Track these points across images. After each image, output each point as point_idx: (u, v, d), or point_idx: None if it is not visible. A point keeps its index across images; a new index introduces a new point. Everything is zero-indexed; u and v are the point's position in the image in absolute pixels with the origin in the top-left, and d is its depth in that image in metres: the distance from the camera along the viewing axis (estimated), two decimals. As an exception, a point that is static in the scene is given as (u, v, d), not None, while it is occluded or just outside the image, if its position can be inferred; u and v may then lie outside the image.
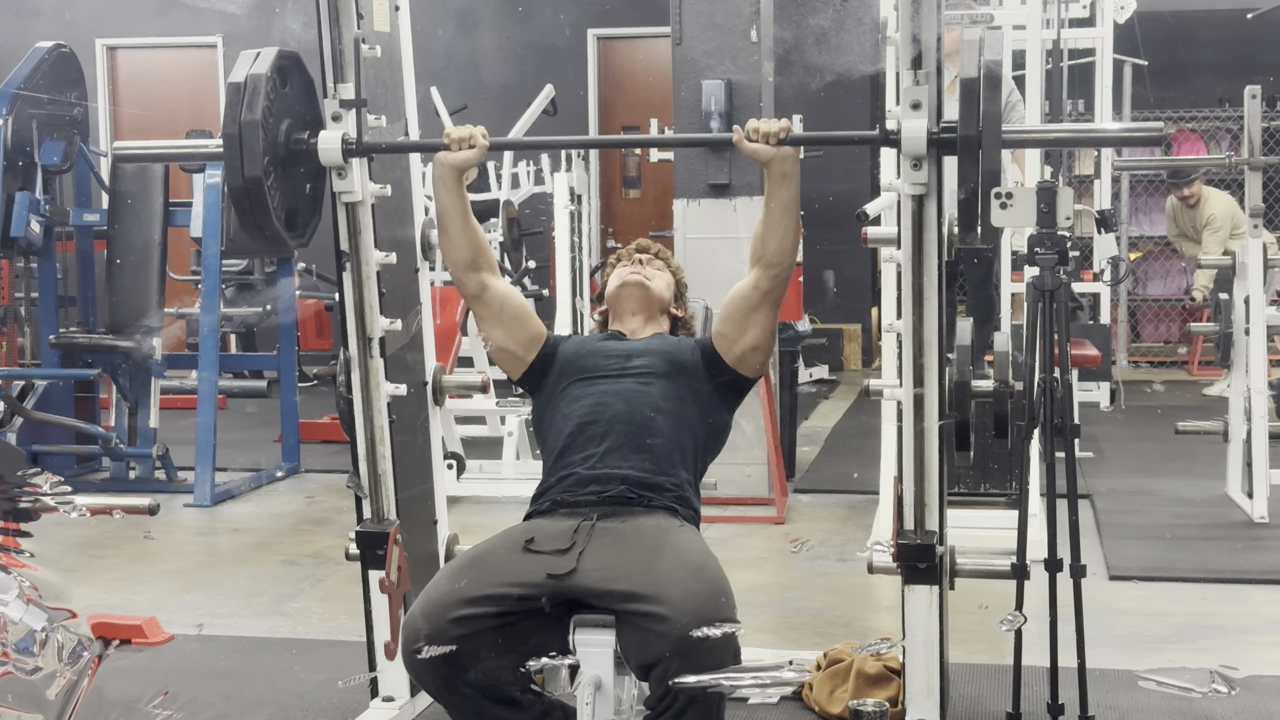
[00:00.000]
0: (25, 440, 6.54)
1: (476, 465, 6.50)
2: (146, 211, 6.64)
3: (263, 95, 2.90)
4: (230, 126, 2.90)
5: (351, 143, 3.03)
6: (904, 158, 2.80)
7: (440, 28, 11.06)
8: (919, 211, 2.86)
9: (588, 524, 2.87)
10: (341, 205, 3.12)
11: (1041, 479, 3.98)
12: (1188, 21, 10.35)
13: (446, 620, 2.69)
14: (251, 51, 2.98)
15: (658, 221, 10.28)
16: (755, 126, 2.92)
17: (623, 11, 11.18)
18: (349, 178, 3.06)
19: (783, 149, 2.93)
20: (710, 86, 6.05)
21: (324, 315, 10.17)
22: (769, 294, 3.08)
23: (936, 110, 2.80)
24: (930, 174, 2.82)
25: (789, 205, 3.00)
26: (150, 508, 2.60)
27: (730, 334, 3.12)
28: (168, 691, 3.67)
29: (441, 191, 3.11)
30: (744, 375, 3.15)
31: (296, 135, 3.03)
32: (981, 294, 6.02)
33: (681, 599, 2.61)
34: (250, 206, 2.93)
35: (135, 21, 11.73)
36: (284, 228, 3.01)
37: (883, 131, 2.86)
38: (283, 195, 3.00)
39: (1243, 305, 5.63)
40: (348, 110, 3.04)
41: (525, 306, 3.25)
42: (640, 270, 3.29)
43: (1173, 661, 3.87)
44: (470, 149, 3.03)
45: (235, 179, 2.90)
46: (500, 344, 3.20)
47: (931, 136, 2.78)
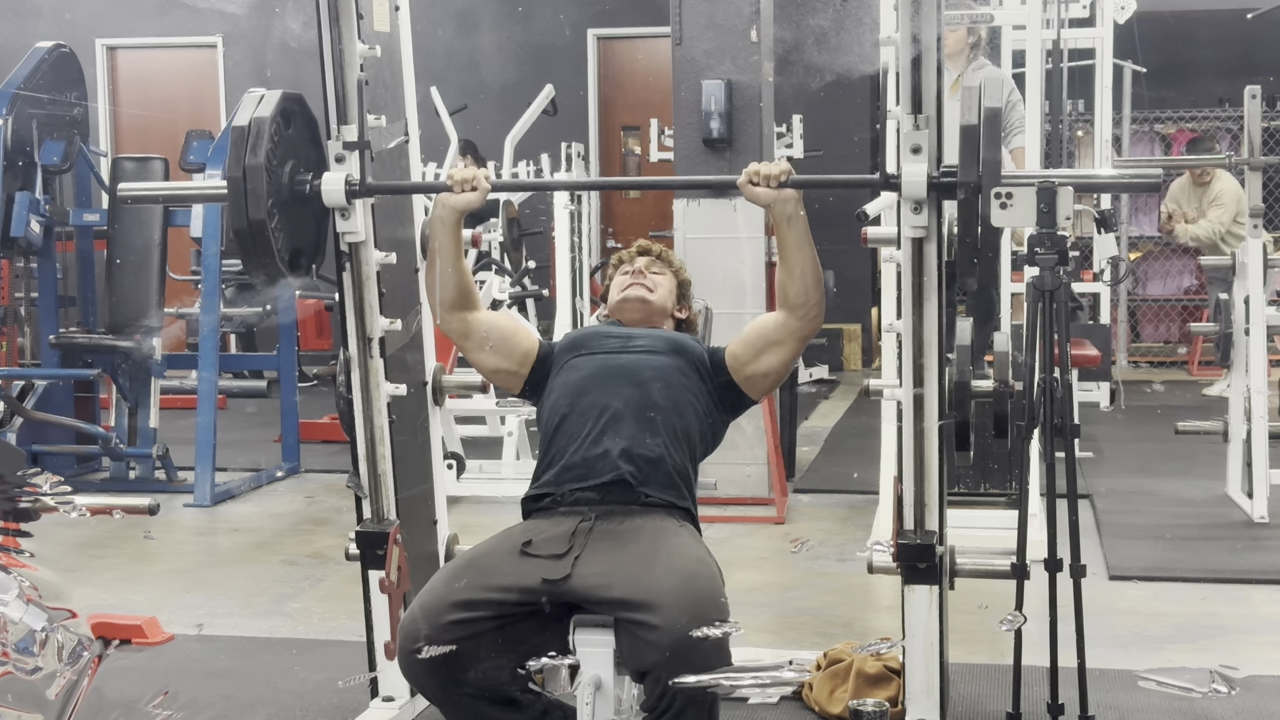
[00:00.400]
0: (25, 440, 6.54)
1: (476, 465, 6.50)
2: (146, 211, 6.64)
3: (266, 138, 2.94)
4: (234, 170, 2.93)
5: (355, 184, 3.06)
6: (904, 201, 2.82)
7: (440, 28, 11.07)
8: (919, 254, 2.89)
9: (585, 525, 2.87)
10: (345, 245, 3.14)
11: (1041, 479, 3.98)
12: (1187, 22, 10.35)
13: (443, 623, 2.69)
14: (256, 92, 3.02)
15: (658, 221, 10.27)
16: (756, 170, 2.92)
17: (623, 11, 11.18)
18: (352, 219, 3.08)
19: (783, 191, 2.92)
20: (710, 86, 6.05)
21: (324, 315, 10.17)
22: (795, 333, 3.07)
23: (937, 156, 2.82)
24: (930, 218, 2.83)
25: (800, 246, 2.99)
26: (150, 508, 2.60)
27: (744, 357, 3.11)
28: (168, 691, 3.67)
29: (439, 230, 3.11)
30: (746, 395, 3.14)
31: (300, 177, 3.06)
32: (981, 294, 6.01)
33: (673, 608, 2.60)
34: (254, 248, 2.96)
35: (135, 21, 11.73)
36: (287, 268, 3.04)
37: (883, 175, 2.88)
38: (286, 236, 3.03)
39: (1242, 305, 5.63)
40: (351, 152, 3.06)
41: (511, 325, 3.25)
42: (642, 280, 3.26)
43: (1173, 661, 3.87)
44: (472, 191, 3.04)
45: (240, 222, 2.94)
46: (495, 367, 3.19)
47: (931, 181, 2.80)
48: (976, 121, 2.73)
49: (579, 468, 2.97)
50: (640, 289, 3.25)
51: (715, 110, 6.02)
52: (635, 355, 3.09)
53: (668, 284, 3.30)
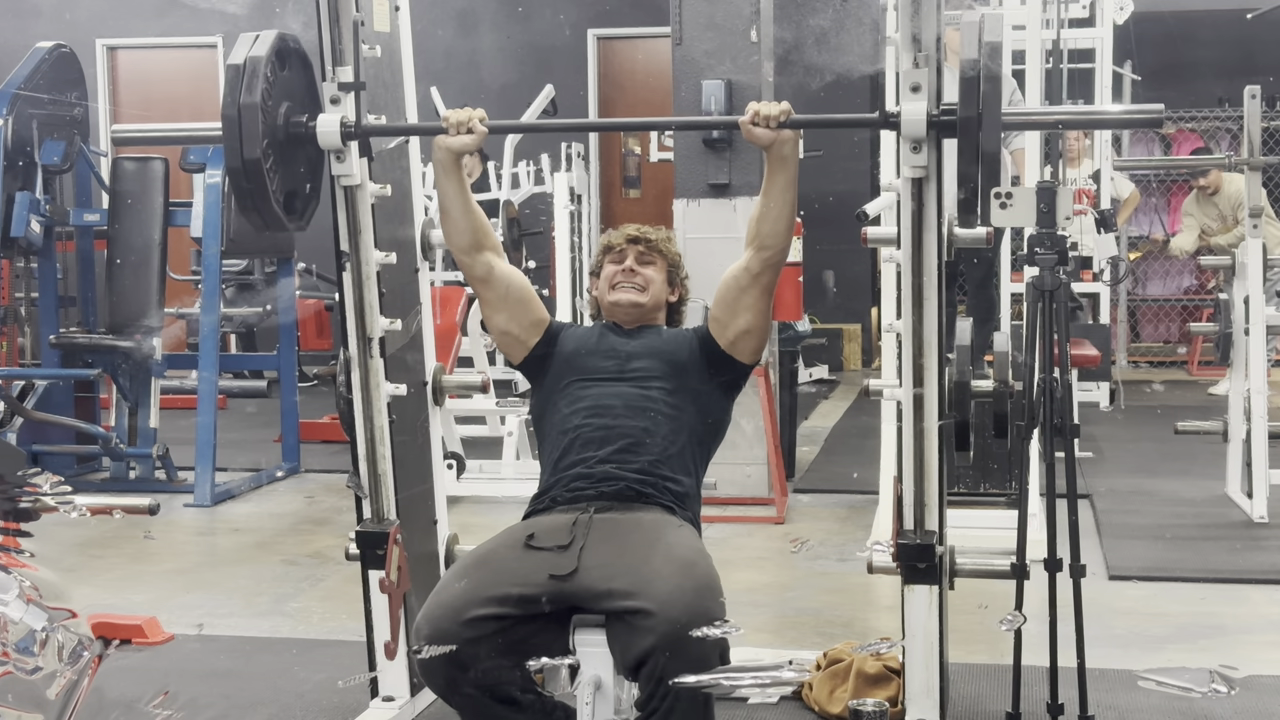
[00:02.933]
0: (25, 440, 6.54)
1: (476, 465, 6.50)
2: (146, 211, 6.64)
3: (261, 78, 2.89)
4: (229, 108, 2.88)
5: (350, 126, 3.02)
6: (904, 140, 2.79)
7: (440, 28, 11.06)
8: (919, 194, 2.85)
9: (585, 516, 2.87)
10: (339, 189, 3.11)
11: (1041, 479, 3.98)
12: (1187, 22, 10.35)
13: (455, 625, 2.69)
14: (250, 34, 2.97)
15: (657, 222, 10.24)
16: (756, 110, 2.92)
17: (623, 11, 11.18)
18: (347, 161, 3.05)
19: (783, 132, 2.93)
20: (710, 86, 6.05)
21: (324, 315, 10.17)
22: (759, 277, 3.07)
23: (936, 94, 2.80)
24: (930, 157, 2.81)
25: (786, 189, 3.00)
26: (150, 508, 2.60)
27: (723, 318, 3.12)
28: (168, 691, 3.67)
29: (440, 175, 3.11)
30: (740, 361, 3.14)
31: (295, 118, 3.01)
32: (981, 294, 6.02)
33: (669, 595, 2.61)
34: (249, 188, 2.91)
35: (135, 21, 11.73)
36: (283, 211, 2.99)
37: (882, 114, 2.85)
38: (281, 178, 2.98)
39: (1242, 305, 5.63)
40: (346, 94, 3.03)
41: (529, 290, 3.25)
42: (634, 279, 3.23)
43: (1172, 661, 3.87)
44: (468, 134, 3.03)
45: (234, 160, 2.89)
46: (503, 328, 3.20)
47: (931, 119, 2.77)
48: (976, 56, 2.69)
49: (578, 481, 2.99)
50: (632, 290, 3.23)
51: (715, 110, 6.02)
52: (631, 386, 3.09)
53: (660, 275, 3.27)
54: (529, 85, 9.38)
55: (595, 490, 2.96)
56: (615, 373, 3.12)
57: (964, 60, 2.70)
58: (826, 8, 5.32)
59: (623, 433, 3.02)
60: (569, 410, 3.09)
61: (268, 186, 2.91)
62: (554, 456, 3.08)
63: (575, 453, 3.03)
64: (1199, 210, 9.67)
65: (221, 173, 6.24)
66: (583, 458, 3.01)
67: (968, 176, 2.71)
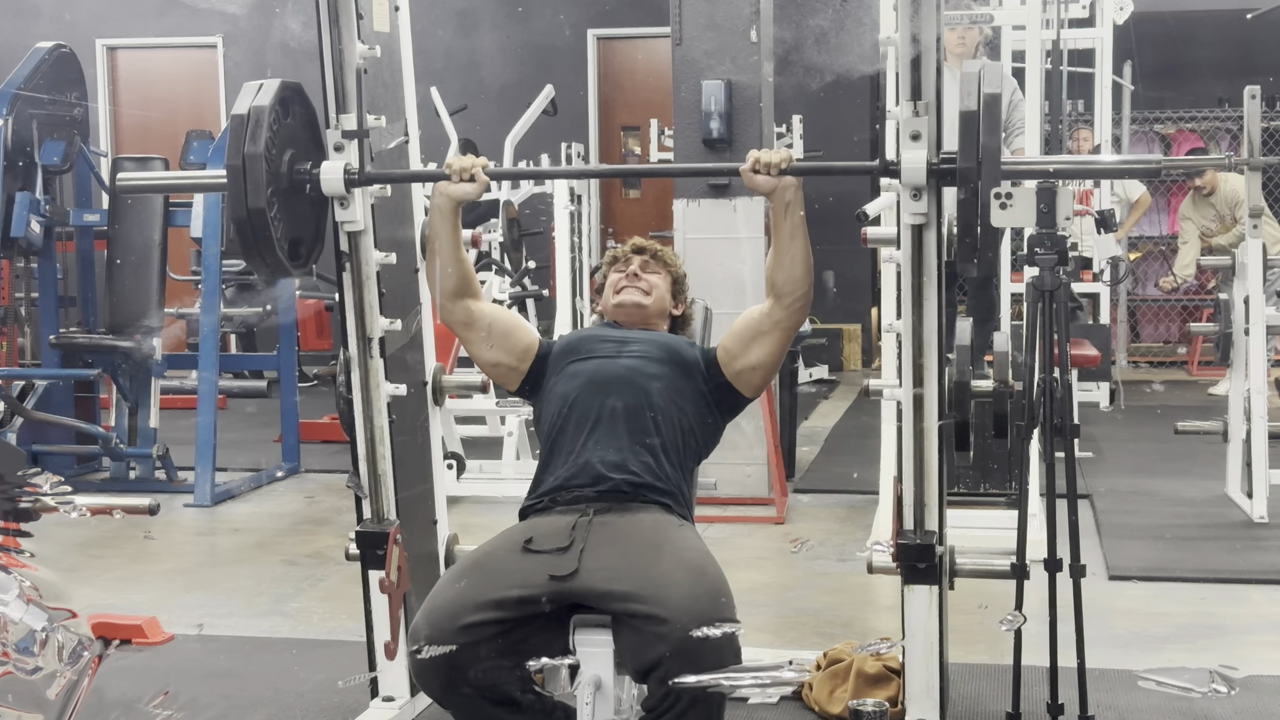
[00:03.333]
0: (25, 440, 6.54)
1: (476, 465, 6.50)
2: (146, 211, 6.64)
3: (265, 127, 2.92)
4: (234, 159, 2.92)
5: (354, 173, 3.06)
6: (903, 188, 2.81)
7: (440, 28, 11.07)
8: (918, 241, 2.88)
9: (585, 520, 2.87)
10: (344, 234, 3.14)
11: (1041, 479, 3.98)
12: (1187, 22, 10.35)
13: (453, 628, 2.69)
14: (254, 83, 3.01)
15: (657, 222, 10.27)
16: (757, 157, 2.92)
17: (623, 11, 11.18)
18: (351, 207, 3.08)
19: (784, 179, 2.92)
20: (710, 86, 6.05)
21: (324, 315, 10.18)
22: (780, 323, 3.06)
23: (936, 141, 2.81)
24: (930, 204, 2.83)
25: (794, 234, 2.99)
26: (150, 508, 2.60)
27: (734, 349, 3.10)
28: (168, 691, 3.67)
29: (437, 220, 3.11)
30: (741, 394, 3.13)
31: (299, 165, 3.05)
32: (981, 294, 6.02)
33: (682, 601, 2.61)
34: (253, 237, 2.95)
35: (135, 22, 11.73)
36: (287, 258, 3.03)
37: (883, 162, 2.87)
38: (286, 225, 3.02)
39: (1242, 305, 5.63)
40: (350, 141, 3.06)
41: (513, 319, 3.25)
42: (638, 282, 3.24)
43: (1172, 661, 3.87)
44: (470, 182, 3.04)
45: (239, 210, 2.93)
46: (494, 361, 3.18)
47: (931, 167, 2.79)
48: (976, 107, 2.71)
49: (576, 477, 2.98)
50: (636, 293, 3.24)
51: (715, 110, 6.02)
52: (630, 360, 3.09)
53: (664, 284, 3.28)
54: (529, 85, 9.38)
55: (593, 491, 2.95)
56: (613, 352, 3.11)
57: (963, 111, 2.72)
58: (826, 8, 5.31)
59: (620, 402, 3.00)
60: (566, 386, 3.08)
61: (273, 235, 2.95)
62: (553, 430, 3.06)
63: (571, 433, 3.02)
64: (1196, 213, 9.67)
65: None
66: (578, 443, 3.00)
67: (968, 227, 2.73)
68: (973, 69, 2.74)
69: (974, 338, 3.29)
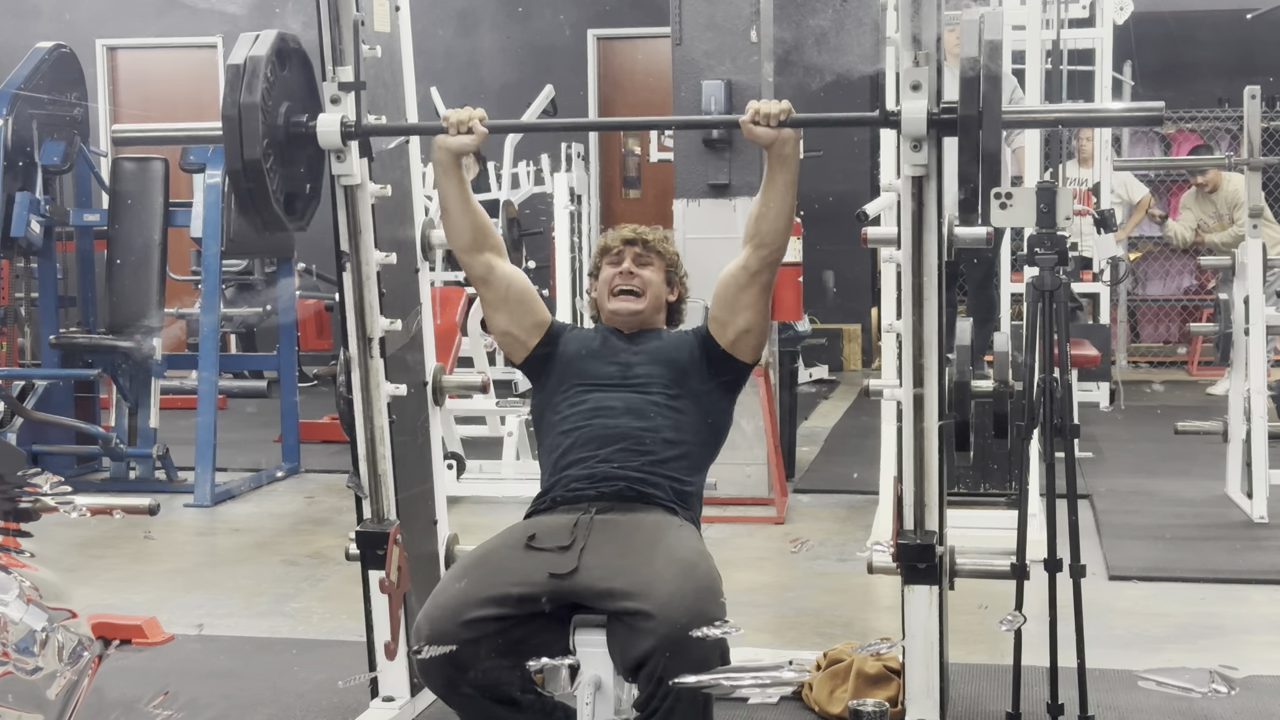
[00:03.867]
0: (25, 440, 6.54)
1: (476, 465, 6.50)
2: (146, 211, 6.64)
3: (262, 77, 2.88)
4: (229, 108, 2.88)
5: (350, 125, 3.02)
6: (904, 139, 2.79)
7: (440, 28, 11.06)
8: (919, 193, 2.85)
9: (586, 518, 2.87)
10: (340, 189, 3.11)
11: (1041, 479, 3.98)
12: (1187, 22, 10.35)
13: (454, 625, 2.69)
14: (250, 34, 2.96)
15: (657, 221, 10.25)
16: (757, 108, 2.92)
17: (623, 11, 11.18)
18: (347, 160, 3.05)
19: (783, 131, 2.93)
20: (710, 87, 6.05)
21: (324, 315, 10.17)
22: (757, 275, 3.07)
23: (936, 93, 2.80)
24: (930, 155, 2.81)
25: (786, 188, 3.00)
26: (150, 508, 2.60)
27: (723, 317, 3.12)
28: (168, 691, 3.67)
29: (440, 175, 3.11)
30: (740, 360, 3.14)
31: (295, 118, 3.01)
32: (981, 294, 6.02)
33: (669, 597, 2.61)
34: (249, 189, 2.90)
35: (135, 21, 11.73)
36: (283, 211, 2.98)
37: (883, 112, 2.85)
38: (282, 179, 2.98)
39: (1242, 305, 5.63)
40: (346, 93, 3.03)
41: (530, 290, 3.25)
42: (631, 282, 3.22)
43: (1172, 661, 3.87)
44: (468, 134, 3.03)
45: (234, 161, 2.88)
46: (504, 328, 3.20)
47: (931, 117, 2.77)
48: (977, 54, 2.69)
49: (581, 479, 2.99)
50: (629, 299, 3.21)
51: (715, 110, 6.02)
52: (634, 393, 3.08)
53: (658, 276, 3.26)
54: (529, 85, 9.38)
55: (596, 490, 2.96)
56: (618, 379, 3.12)
57: (964, 58, 2.70)
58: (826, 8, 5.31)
59: (624, 433, 3.02)
60: (570, 412, 3.09)
61: (268, 187, 2.91)
62: (554, 457, 3.08)
63: (576, 452, 3.03)
64: (1196, 205, 9.70)
65: (221, 173, 6.24)
66: (583, 457, 3.02)
67: (968, 175, 2.70)
68: (973, 17, 2.72)
69: (974, 338, 3.29)
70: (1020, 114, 2.93)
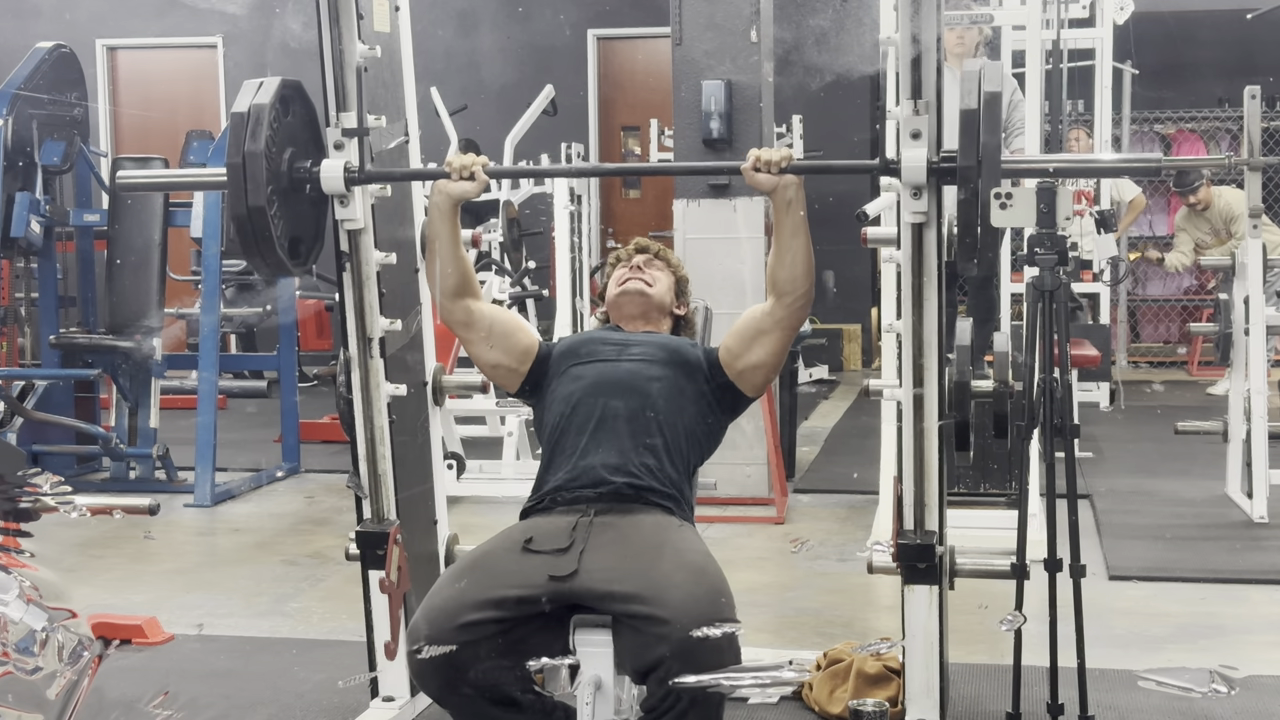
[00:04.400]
0: (25, 440, 6.54)
1: (476, 465, 6.50)
2: (146, 211, 6.64)
3: (265, 125, 2.92)
4: (234, 156, 2.91)
5: (354, 171, 3.05)
6: (904, 186, 2.81)
7: (440, 28, 11.06)
8: (918, 240, 2.87)
9: (585, 520, 2.87)
10: (344, 232, 3.14)
11: (1041, 479, 3.98)
12: (1187, 22, 10.35)
13: (451, 627, 2.69)
14: (254, 81, 3.01)
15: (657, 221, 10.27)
16: (758, 155, 2.93)
17: (623, 11, 11.18)
18: (351, 205, 3.08)
19: (785, 177, 2.93)
20: (710, 87, 6.05)
21: (324, 315, 10.18)
22: (781, 322, 3.06)
23: (936, 140, 2.81)
24: (930, 203, 2.83)
25: (795, 233, 2.99)
26: (150, 508, 2.60)
27: (735, 349, 3.11)
28: (168, 691, 3.67)
29: (436, 219, 3.11)
30: (742, 391, 3.14)
31: (299, 164, 3.04)
32: (981, 294, 6.02)
33: (682, 602, 2.60)
34: (254, 236, 2.94)
35: (135, 22, 11.73)
36: (287, 256, 3.02)
37: (883, 160, 2.87)
38: (286, 224, 3.01)
39: (1242, 305, 5.63)
40: (350, 139, 3.06)
41: (513, 320, 3.25)
42: (641, 274, 3.27)
43: (1172, 661, 3.87)
44: (469, 180, 3.04)
45: (239, 208, 2.92)
46: (494, 362, 3.18)
47: (931, 166, 2.79)
48: (976, 106, 2.70)
49: (578, 479, 2.98)
50: (639, 283, 3.26)
51: (715, 110, 6.02)
52: (631, 364, 3.09)
53: (666, 280, 3.30)
54: (529, 85, 9.38)
55: (594, 492, 2.95)
56: (614, 355, 3.11)
57: (964, 111, 2.72)
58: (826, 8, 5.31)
59: (621, 406, 3.01)
60: (568, 388, 3.08)
61: (273, 233, 2.95)
62: (554, 434, 3.06)
63: (573, 435, 3.02)
64: (1191, 225, 9.73)
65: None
66: (580, 445, 3.00)
67: (968, 225, 2.72)
68: (973, 68, 2.74)
69: (974, 338, 3.29)
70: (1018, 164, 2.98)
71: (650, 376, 3.06)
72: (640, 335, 3.20)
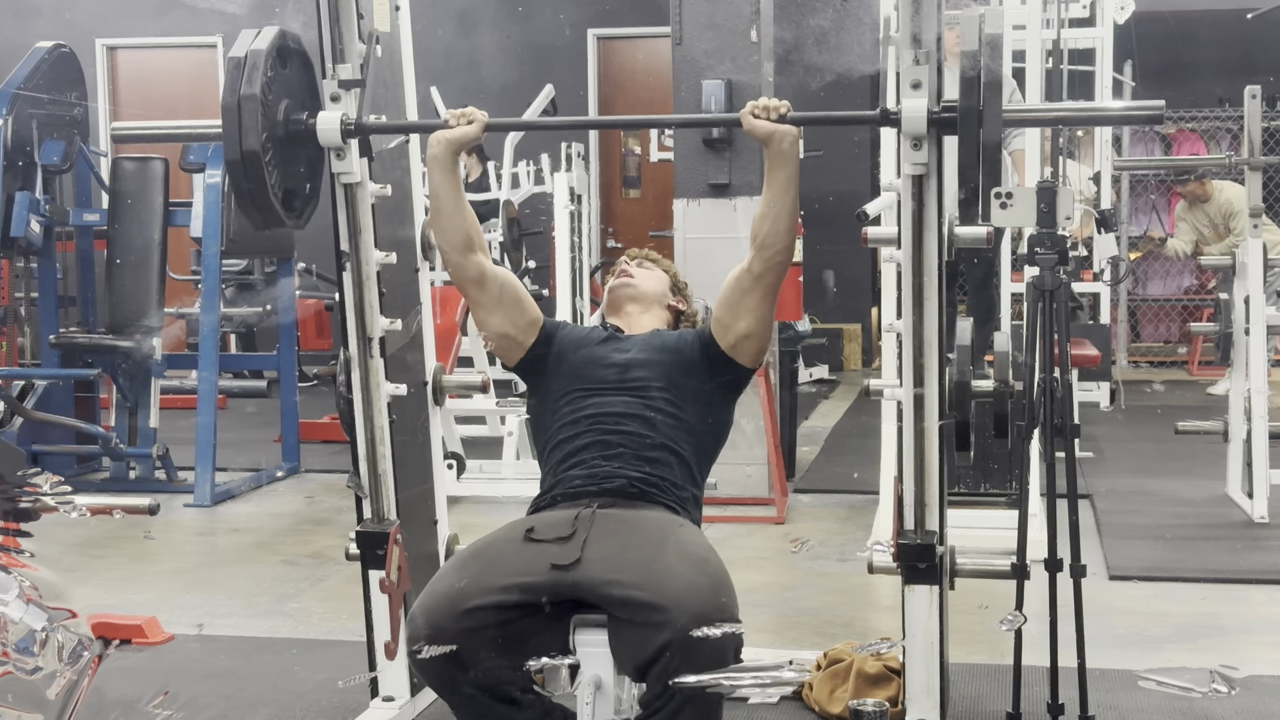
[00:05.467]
0: (25, 440, 6.54)
1: (476, 465, 6.50)
2: (146, 211, 6.65)
3: (262, 71, 2.87)
4: (229, 99, 2.87)
5: (350, 123, 3.01)
6: (904, 137, 2.78)
7: (440, 28, 11.07)
8: (919, 192, 2.84)
9: (588, 511, 2.87)
10: (339, 188, 3.11)
11: (1041, 479, 3.98)
12: (1187, 22, 10.35)
13: (451, 617, 2.68)
14: (251, 30, 2.96)
15: (658, 221, 10.28)
16: (756, 103, 2.94)
17: (623, 11, 11.18)
18: (347, 159, 3.04)
19: (781, 126, 2.93)
20: (710, 86, 6.05)
21: (324, 315, 10.18)
22: (761, 278, 3.06)
23: (936, 91, 2.80)
24: (930, 154, 2.80)
25: (786, 186, 3.00)
26: (150, 508, 2.59)
27: (725, 319, 3.11)
28: (168, 691, 3.67)
29: (436, 171, 3.08)
30: (740, 364, 3.13)
31: (295, 115, 3.00)
32: (981, 294, 6.02)
33: (683, 594, 2.60)
34: (247, 182, 2.89)
35: (135, 21, 11.73)
36: (281, 208, 2.97)
37: (883, 111, 2.85)
38: (281, 174, 2.97)
39: (1242, 305, 5.63)
40: (347, 91, 3.02)
41: (522, 290, 3.24)
42: (629, 274, 3.33)
43: (1173, 661, 3.87)
44: (469, 124, 3.03)
45: (233, 152, 2.87)
46: (499, 329, 3.18)
47: (931, 115, 2.76)
48: (977, 51, 2.68)
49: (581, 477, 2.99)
50: (626, 278, 3.32)
51: (715, 110, 6.02)
52: (633, 397, 3.08)
53: (655, 273, 3.36)
54: (529, 85, 9.38)
55: (598, 487, 2.96)
56: (615, 383, 3.11)
57: (964, 54, 2.70)
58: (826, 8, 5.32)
59: (624, 439, 3.02)
60: (570, 419, 3.08)
61: (266, 181, 2.90)
62: (555, 460, 3.07)
63: (577, 455, 3.03)
64: (1190, 216, 9.76)
65: (221, 172, 6.24)
66: (584, 459, 3.01)
67: (969, 174, 2.70)
68: (973, 14, 2.72)
69: (974, 338, 3.29)
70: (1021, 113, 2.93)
71: (652, 406, 3.05)
72: (639, 351, 3.18)
